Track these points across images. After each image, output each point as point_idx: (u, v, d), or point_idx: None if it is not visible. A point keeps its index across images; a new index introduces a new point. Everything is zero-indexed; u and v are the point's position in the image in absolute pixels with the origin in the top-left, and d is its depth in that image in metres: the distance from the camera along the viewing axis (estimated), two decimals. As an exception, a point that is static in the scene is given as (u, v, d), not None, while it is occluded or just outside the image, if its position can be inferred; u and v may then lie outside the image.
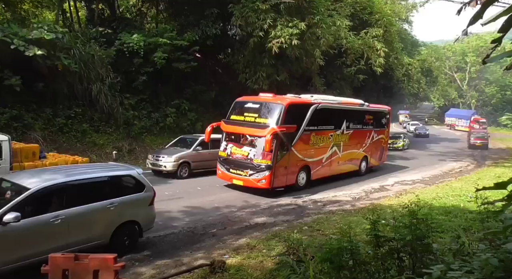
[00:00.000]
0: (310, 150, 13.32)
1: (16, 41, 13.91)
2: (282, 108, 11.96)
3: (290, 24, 18.34)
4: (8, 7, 19.76)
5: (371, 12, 26.26)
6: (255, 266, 6.03)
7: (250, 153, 12.17)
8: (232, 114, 13.14)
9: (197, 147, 14.66)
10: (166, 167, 13.98)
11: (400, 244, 4.10)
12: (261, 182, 11.77)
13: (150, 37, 19.49)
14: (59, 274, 4.59)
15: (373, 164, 17.86)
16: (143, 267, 6.30)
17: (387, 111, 19.11)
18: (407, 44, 37.78)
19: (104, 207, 6.66)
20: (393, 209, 9.50)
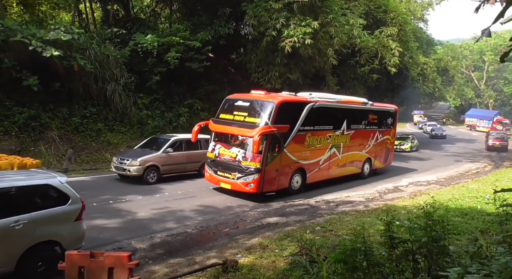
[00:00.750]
0: (306, 151, 12.45)
1: (34, 42, 14.23)
2: (273, 106, 11.11)
3: (303, 23, 18.24)
4: (27, 8, 20.24)
5: (386, 10, 25.93)
6: (268, 266, 6.02)
7: (238, 154, 11.33)
8: (221, 113, 12.27)
9: (168, 149, 13.15)
10: (130, 171, 12.47)
11: (415, 246, 4.03)
12: (249, 186, 10.96)
13: (163, 37, 19.68)
14: (75, 271, 4.67)
15: (378, 166, 16.94)
16: (156, 265, 6.36)
17: (394, 110, 17.99)
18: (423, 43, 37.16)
19: (5, 227, 5.31)
20: (407, 210, 9.37)
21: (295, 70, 20.22)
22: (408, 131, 49.42)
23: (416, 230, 4.25)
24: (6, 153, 13.93)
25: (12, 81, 14.77)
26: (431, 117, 63.09)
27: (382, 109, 17.34)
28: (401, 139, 27.50)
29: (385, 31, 24.12)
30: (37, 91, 15.01)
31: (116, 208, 9.94)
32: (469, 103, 66.71)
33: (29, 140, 14.97)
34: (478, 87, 64.91)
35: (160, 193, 11.78)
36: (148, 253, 7.09)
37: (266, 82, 19.79)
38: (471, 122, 53.33)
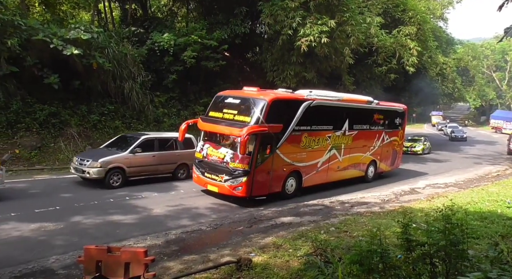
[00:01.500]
0: (301, 153, 11.59)
1: (55, 41, 14.58)
2: (265, 104, 10.29)
3: (320, 22, 18.11)
4: (48, 8, 20.75)
5: (404, 9, 25.46)
6: (281, 265, 6.01)
7: (226, 155, 10.52)
8: (211, 110, 11.54)
9: (136, 149, 11.86)
10: (90, 174, 11.20)
11: (433, 249, 3.95)
12: (237, 190, 10.18)
13: (180, 36, 19.85)
14: (92, 265, 4.77)
15: (383, 169, 15.95)
16: (171, 262, 6.42)
17: (402, 110, 16.85)
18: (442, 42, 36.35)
19: None
20: (424, 213, 9.19)
21: (310, 69, 20.10)
22: (426, 132, 48.54)
23: (433, 233, 4.16)
24: (28, 149, 14.40)
25: (34, 79, 15.18)
26: (449, 118, 61.75)
27: (389, 108, 16.22)
28: (413, 141, 26.49)
29: (403, 30, 23.72)
30: (58, 89, 15.38)
31: (132, 204, 10.10)
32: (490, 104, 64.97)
33: (49, 137, 15.35)
34: (499, 88, 63.11)
35: (175, 190, 11.90)
36: (163, 249, 7.17)
37: (281, 81, 19.75)
38: (496, 124, 51.40)
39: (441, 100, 53.59)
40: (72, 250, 6.75)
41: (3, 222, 8.03)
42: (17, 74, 14.59)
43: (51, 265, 6.21)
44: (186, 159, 12.98)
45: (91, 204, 9.80)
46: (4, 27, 13.73)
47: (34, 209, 8.97)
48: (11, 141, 14.27)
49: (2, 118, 14.26)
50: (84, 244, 5.35)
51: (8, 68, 14.16)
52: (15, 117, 14.57)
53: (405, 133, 18.24)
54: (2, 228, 7.71)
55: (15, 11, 15.44)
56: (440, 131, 47.87)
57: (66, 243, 7.24)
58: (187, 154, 12.92)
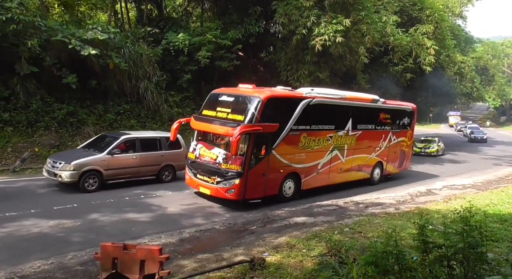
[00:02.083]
0: (300, 154, 11.05)
1: (73, 41, 14.90)
2: (259, 102, 9.75)
3: (334, 21, 17.96)
4: (67, 9, 21.21)
5: (422, 8, 24.99)
6: (295, 265, 5.99)
7: (219, 156, 10.06)
8: (205, 109, 11.05)
9: (114, 150, 11.10)
10: (62, 177, 10.40)
11: (450, 252, 3.86)
12: (229, 192, 9.73)
13: (195, 36, 20.00)
14: (109, 261, 4.86)
15: (391, 171, 15.28)
16: (185, 260, 6.47)
17: (411, 109, 16.09)
18: (460, 41, 35.48)
19: None
20: (441, 215, 9.01)
21: (324, 69, 19.96)
22: (443, 132, 47.61)
23: (451, 235, 4.08)
24: (46, 147, 14.75)
25: (52, 79, 15.55)
26: (468, 118, 60.37)
27: (397, 107, 15.53)
28: (426, 142, 25.54)
29: (420, 29, 23.29)
30: (75, 88, 15.72)
31: (147, 202, 10.23)
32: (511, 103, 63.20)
33: (67, 135, 15.69)
34: (521, 87, 61.35)
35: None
36: (177, 247, 7.23)
37: (295, 80, 19.68)
38: None
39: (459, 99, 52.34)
40: (89, 247, 6.87)
41: (24, 218, 8.25)
42: (37, 74, 14.98)
43: (68, 262, 6.34)
44: (171, 161, 12.44)
45: (107, 202, 9.97)
46: (25, 28, 14.09)
47: (53, 206, 9.19)
48: (30, 139, 14.65)
49: (23, 117, 14.65)
50: (101, 241, 5.47)
51: (28, 68, 14.54)
52: (34, 116, 14.95)
53: (420, 133, 17.86)
54: (22, 224, 7.92)
55: (35, 12, 15.85)
56: (459, 131, 46.71)
57: (83, 240, 7.39)
58: (173, 155, 12.41)
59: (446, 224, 4.48)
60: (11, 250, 6.71)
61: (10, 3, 13.17)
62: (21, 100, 14.70)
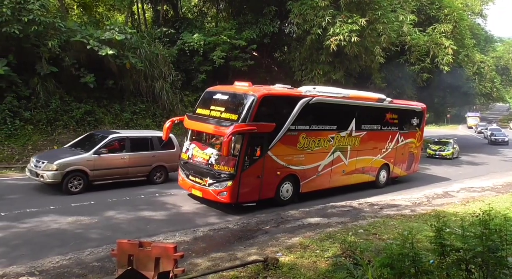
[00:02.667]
0: (299, 155, 10.56)
1: (91, 42, 15.22)
2: (254, 100, 9.31)
3: (350, 21, 17.79)
4: (86, 10, 21.67)
5: (440, 7, 24.48)
6: (308, 266, 5.97)
7: (211, 157, 9.66)
8: (199, 107, 10.69)
9: (101, 150, 10.60)
10: (44, 178, 9.90)
11: (468, 255, 3.79)
12: (222, 195, 9.30)
13: (209, 36, 20.13)
14: (125, 258, 4.94)
15: (398, 174, 14.66)
16: (199, 259, 6.53)
17: (420, 109, 15.37)
18: (480, 40, 34.66)
19: None
20: (459, 217, 8.83)
21: (339, 69, 19.80)
22: (461, 134, 46.60)
23: (469, 238, 3.99)
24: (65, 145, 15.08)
25: (71, 79, 15.92)
26: (486, 119, 58.94)
27: (405, 107, 14.90)
28: (441, 144, 24.49)
29: (438, 28, 22.83)
30: (93, 88, 16.07)
31: (162, 201, 10.35)
32: (532, 105, 61.36)
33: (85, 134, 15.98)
34: (543, 88, 59.38)
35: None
36: (191, 246, 7.30)
37: (309, 80, 19.59)
38: None
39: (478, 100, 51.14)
40: (106, 244, 7.01)
41: (44, 214, 8.47)
42: (56, 73, 15.36)
43: (86, 257, 6.48)
44: (163, 161, 11.96)
45: (123, 200, 10.13)
46: (46, 29, 14.46)
47: (71, 203, 9.40)
48: (50, 137, 15.01)
49: (42, 116, 15.02)
50: (117, 238, 5.55)
51: (48, 68, 14.93)
52: (54, 115, 15.31)
53: (437, 134, 17.49)
54: (42, 220, 8.14)
55: (56, 14, 16.24)
56: (479, 133, 45.50)
57: (100, 236, 7.54)
58: (165, 155, 11.97)
59: (464, 227, 4.38)
60: (31, 245, 6.90)
61: (32, 5, 13.53)
62: (41, 99, 15.08)
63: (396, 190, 13.69)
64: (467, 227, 4.43)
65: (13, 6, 13.21)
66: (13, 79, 14.30)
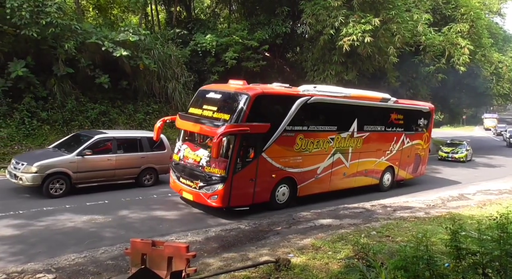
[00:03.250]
0: (296, 157, 10.12)
1: (106, 43, 15.48)
2: (247, 99, 8.89)
3: (363, 21, 17.64)
4: (101, 12, 22.03)
5: (456, 6, 23.98)
6: (320, 267, 5.94)
7: (202, 158, 9.25)
8: (191, 106, 10.32)
9: (85, 151, 10.09)
10: (23, 180, 9.43)
11: (485, 259, 3.71)
12: (212, 198, 8.90)
13: (222, 37, 20.22)
14: (138, 257, 5.01)
15: (404, 177, 14.17)
16: (211, 259, 6.57)
17: (428, 110, 14.76)
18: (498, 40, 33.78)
19: None
20: (475, 220, 8.66)
21: (352, 69, 19.64)
22: (476, 135, 45.64)
23: (486, 242, 3.91)
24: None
25: (86, 79, 16.22)
26: (504, 120, 57.60)
27: (411, 107, 14.27)
28: (454, 146, 23.52)
29: (454, 28, 22.40)
30: (107, 88, 16.34)
31: (174, 201, 10.43)
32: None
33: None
34: None
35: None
36: (203, 246, 7.35)
37: (321, 81, 19.48)
38: None
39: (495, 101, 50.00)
40: (119, 242, 7.12)
41: (60, 213, 8.65)
42: (72, 74, 15.67)
43: (100, 256, 6.59)
44: (153, 163, 11.48)
45: (136, 199, 10.26)
46: (63, 31, 14.77)
47: (86, 202, 9.57)
48: (65, 137, 15.31)
49: (59, 116, 15.32)
50: (130, 237, 5.64)
51: (65, 69, 15.24)
52: (69, 115, 15.60)
53: (451, 136, 17.12)
54: (58, 219, 8.31)
55: (72, 16, 16.55)
56: (499, 135, 44.35)
57: (113, 235, 7.67)
58: (156, 156, 11.50)
59: (481, 230, 4.29)
60: (48, 242, 7.06)
61: (50, 8, 13.83)
62: (57, 100, 15.39)
63: (410, 192, 13.52)
64: (484, 230, 4.33)
65: (32, 10, 13.52)
66: (31, 80, 14.64)
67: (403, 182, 14.46)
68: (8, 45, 14.47)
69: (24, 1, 13.25)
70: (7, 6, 13.21)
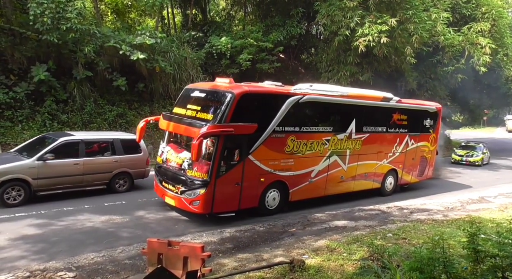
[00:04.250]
0: (287, 160, 9.58)
1: (124, 47, 15.81)
2: (231, 98, 8.38)
3: (379, 21, 17.44)
4: (119, 16, 22.52)
5: (477, 5, 23.35)
6: (335, 269, 5.91)
7: (185, 161, 8.79)
8: (176, 106, 9.85)
9: (47, 155, 9.22)
10: None
11: (505, 262, 3.62)
12: (194, 204, 8.45)
13: (237, 39, 20.33)
14: (155, 256, 5.12)
15: (408, 181, 13.54)
16: (226, 259, 6.62)
17: (434, 110, 14.01)
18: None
19: None
20: (496, 223, 8.44)
21: (367, 70, 19.45)
22: (498, 137, 44.41)
23: (507, 245, 3.82)
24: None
25: (104, 82, 16.61)
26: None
27: (415, 107, 13.50)
28: (469, 148, 22.29)
29: (474, 27, 21.84)
30: (125, 91, 16.68)
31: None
32: None
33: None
34: None
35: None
36: (218, 246, 7.41)
37: (335, 82, 19.35)
38: None
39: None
40: (136, 242, 7.27)
41: (79, 213, 8.88)
42: (91, 78, 16.07)
43: (118, 255, 6.73)
44: (127, 167, 10.67)
45: (152, 200, 10.38)
46: (83, 36, 15.18)
47: (104, 203, 9.79)
48: (85, 139, 15.67)
49: (78, 118, 15.71)
50: (147, 237, 5.76)
51: (84, 73, 15.64)
52: (88, 118, 15.97)
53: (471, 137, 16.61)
54: (78, 219, 8.54)
55: (91, 21, 16.97)
56: None
57: (131, 235, 7.82)
58: (130, 160, 10.70)
59: (501, 234, 4.20)
60: (68, 242, 7.26)
61: (70, 14, 14.21)
62: (77, 102, 15.79)
63: (427, 195, 13.29)
64: (504, 233, 4.23)
65: (53, 16, 13.92)
66: (52, 83, 15.07)
67: (408, 186, 13.84)
68: (31, 50, 14.95)
69: (46, 8, 13.65)
70: (30, 13, 13.65)
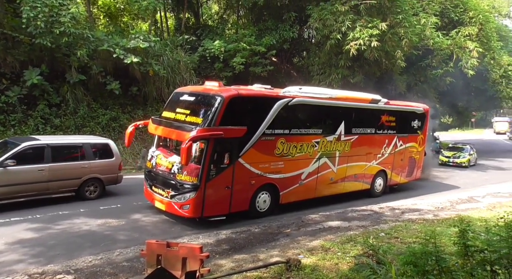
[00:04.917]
0: (277, 162, 9.63)
1: (117, 50, 15.82)
2: (220, 102, 8.43)
3: (370, 25, 17.77)
4: (112, 20, 22.51)
5: (465, 9, 23.89)
6: (331, 268, 6.05)
7: (174, 165, 8.80)
8: (165, 110, 9.91)
9: (8, 161, 8.71)
10: None
11: (493, 256, 3.79)
12: (184, 208, 8.44)
13: (230, 43, 20.48)
14: (154, 258, 5.20)
15: (397, 181, 13.68)
16: (223, 260, 6.71)
17: (422, 111, 14.25)
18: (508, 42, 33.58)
19: None
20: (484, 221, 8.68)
21: (358, 73, 19.75)
22: (486, 138, 45.23)
23: (494, 241, 3.99)
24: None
25: (98, 86, 16.59)
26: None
27: (403, 109, 13.68)
28: (455, 150, 22.61)
29: (462, 31, 22.35)
30: (118, 94, 16.68)
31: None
32: None
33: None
34: None
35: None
36: (215, 247, 7.49)
37: (327, 84, 19.59)
38: None
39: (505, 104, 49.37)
40: (133, 245, 7.32)
41: (75, 217, 8.88)
42: (84, 81, 16.04)
43: (116, 258, 6.78)
44: (98, 173, 10.20)
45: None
46: (76, 39, 15.17)
47: (100, 207, 9.80)
48: (78, 143, 15.60)
49: (71, 122, 15.65)
50: (144, 240, 5.83)
51: (77, 76, 15.61)
52: (81, 121, 15.92)
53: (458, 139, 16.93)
54: (74, 222, 8.54)
55: (85, 25, 16.95)
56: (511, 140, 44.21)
57: (127, 238, 7.86)
58: (101, 165, 10.28)
59: (489, 230, 4.37)
60: (66, 245, 7.28)
61: (64, 18, 14.17)
62: (70, 106, 15.73)
63: (418, 195, 13.54)
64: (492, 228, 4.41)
65: (47, 19, 13.89)
66: (45, 87, 15.01)
67: (397, 186, 13.97)
68: (24, 54, 14.88)
69: (40, 11, 13.61)
70: (23, 17, 13.58)
